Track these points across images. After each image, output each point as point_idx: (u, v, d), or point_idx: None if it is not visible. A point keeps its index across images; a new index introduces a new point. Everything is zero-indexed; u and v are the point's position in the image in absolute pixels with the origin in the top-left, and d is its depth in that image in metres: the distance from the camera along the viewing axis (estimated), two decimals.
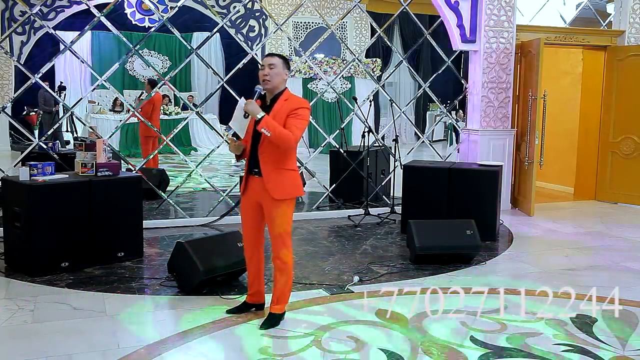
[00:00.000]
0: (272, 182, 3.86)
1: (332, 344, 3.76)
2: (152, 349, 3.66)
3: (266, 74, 3.87)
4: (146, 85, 9.45)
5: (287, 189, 3.90)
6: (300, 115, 3.80)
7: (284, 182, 3.87)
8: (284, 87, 3.94)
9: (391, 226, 7.13)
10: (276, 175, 3.86)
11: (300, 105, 3.83)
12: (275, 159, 3.85)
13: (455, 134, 14.52)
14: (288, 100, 3.86)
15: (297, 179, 3.95)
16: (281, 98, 3.88)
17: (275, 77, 3.87)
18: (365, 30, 16.43)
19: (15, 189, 5.15)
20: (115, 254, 5.41)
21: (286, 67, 3.93)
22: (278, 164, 3.86)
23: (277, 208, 3.89)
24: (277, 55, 3.97)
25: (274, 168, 3.86)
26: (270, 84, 3.88)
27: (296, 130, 3.77)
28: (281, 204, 3.89)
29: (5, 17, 13.43)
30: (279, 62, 3.89)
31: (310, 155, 8.86)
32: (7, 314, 4.19)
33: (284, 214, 3.92)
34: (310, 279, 5.04)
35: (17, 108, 12.60)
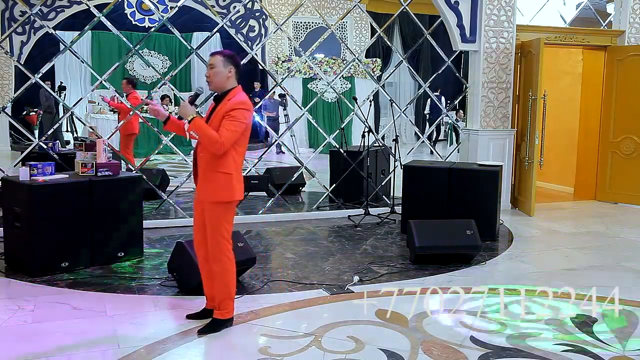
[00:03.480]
0: (205, 184, 3.80)
1: (332, 344, 3.76)
2: (152, 348, 3.67)
3: (207, 74, 3.83)
4: (125, 85, 9.29)
5: (218, 192, 3.76)
6: (234, 116, 3.66)
7: (215, 184, 3.76)
8: (232, 85, 3.81)
9: (391, 226, 7.13)
10: (209, 177, 3.78)
11: (236, 107, 3.69)
12: (210, 161, 3.76)
13: (456, 133, 14.53)
14: (230, 101, 3.73)
15: (230, 182, 3.76)
16: (225, 98, 3.77)
17: (215, 76, 3.77)
18: (365, 30, 16.44)
19: (15, 189, 5.15)
20: (116, 254, 5.41)
21: (230, 64, 3.78)
22: (212, 165, 3.75)
23: (210, 211, 3.80)
24: (218, 53, 3.85)
25: (208, 170, 3.77)
26: (211, 85, 3.82)
27: (226, 132, 3.62)
28: (215, 207, 3.78)
29: (5, 17, 13.42)
30: (218, 61, 3.77)
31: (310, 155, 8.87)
32: (7, 313, 4.19)
33: (216, 217, 3.79)
34: (310, 279, 5.04)
35: (17, 108, 12.59)
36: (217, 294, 3.95)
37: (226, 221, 3.84)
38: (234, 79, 3.82)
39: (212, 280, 4.00)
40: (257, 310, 4.31)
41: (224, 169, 3.75)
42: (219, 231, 3.81)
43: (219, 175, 3.75)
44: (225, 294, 3.92)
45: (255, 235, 6.66)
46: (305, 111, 8.23)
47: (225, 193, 3.78)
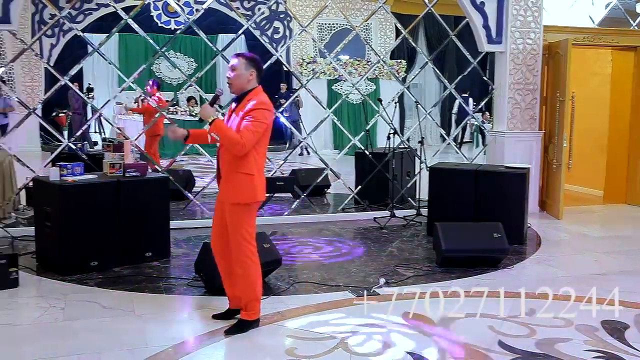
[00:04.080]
0: (227, 185, 3.80)
1: (358, 346, 3.75)
2: (179, 348, 3.69)
3: (228, 76, 3.83)
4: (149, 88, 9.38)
5: (240, 193, 3.76)
6: (254, 117, 3.66)
7: (237, 186, 3.76)
8: (253, 86, 3.81)
9: (417, 228, 7.09)
10: (231, 178, 3.78)
11: (256, 107, 3.69)
12: (231, 162, 3.76)
13: (482, 135, 14.41)
14: (251, 101, 3.73)
15: (253, 183, 3.76)
16: (246, 98, 3.77)
17: (236, 79, 3.78)
18: (390, 32, 16.38)
19: (46, 189, 5.24)
20: (143, 253, 5.46)
21: (251, 66, 3.79)
22: (234, 166, 3.76)
23: (231, 212, 3.80)
24: (240, 55, 3.85)
25: (230, 171, 3.78)
26: (232, 87, 3.83)
27: (247, 133, 3.63)
28: (236, 208, 3.79)
29: (35, 20, 13.66)
30: (241, 63, 3.78)
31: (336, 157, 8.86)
32: (39, 311, 4.26)
33: (239, 219, 3.79)
34: (336, 281, 5.04)
35: (46, 109, 12.80)
36: (243, 295, 3.95)
37: (248, 223, 3.84)
38: (254, 82, 3.82)
39: (231, 279, 4.01)
40: (283, 312, 4.32)
41: (245, 170, 3.75)
42: (240, 233, 3.81)
43: (240, 176, 3.75)
44: (250, 296, 3.93)
45: (280, 236, 6.67)
46: (330, 113, 8.23)
47: (246, 194, 3.78)
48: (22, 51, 7.27)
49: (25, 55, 9.53)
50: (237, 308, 4.06)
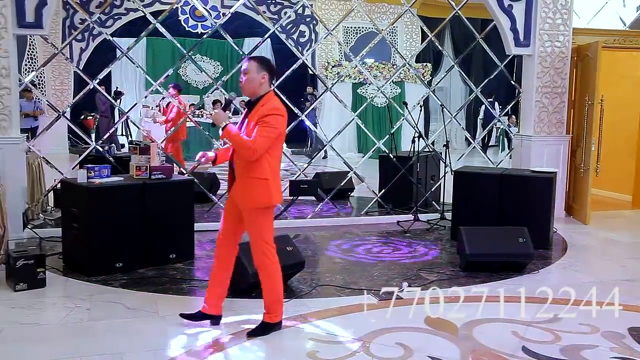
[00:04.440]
0: (242, 190, 3.81)
1: (380, 350, 3.73)
2: (202, 350, 3.72)
3: (241, 80, 3.83)
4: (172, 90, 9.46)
5: (255, 198, 3.77)
6: (267, 122, 3.66)
7: (252, 190, 3.77)
8: (266, 90, 3.80)
9: (441, 232, 7.04)
10: (245, 183, 3.79)
11: (270, 112, 3.68)
12: (245, 167, 3.77)
13: (507, 139, 14.25)
14: (264, 106, 3.73)
15: (267, 187, 3.77)
16: (259, 103, 3.77)
17: (249, 83, 3.78)
18: (416, 35, 16.31)
19: (73, 190, 5.32)
20: (167, 255, 5.51)
21: (264, 69, 3.78)
22: (247, 171, 3.76)
23: (249, 216, 3.82)
24: (252, 58, 3.85)
25: (244, 176, 3.79)
26: (245, 91, 3.83)
27: (260, 139, 3.64)
28: (254, 213, 3.80)
29: (66, 25, 13.92)
30: (252, 67, 3.77)
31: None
32: (65, 311, 4.33)
33: (256, 223, 3.82)
34: (358, 284, 5.02)
35: (75, 112, 13.01)
36: (265, 297, 3.96)
37: (267, 226, 3.86)
38: (267, 85, 3.81)
39: (216, 286, 4.03)
40: (306, 315, 4.32)
41: (259, 175, 3.76)
42: (261, 237, 3.84)
43: (255, 181, 3.76)
44: (273, 298, 3.94)
45: (304, 239, 6.68)
46: (355, 116, 8.22)
47: (263, 199, 3.79)
48: (53, 55, 7.41)
49: (56, 59, 9.69)
50: (211, 314, 4.05)
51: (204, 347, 3.75)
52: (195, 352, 3.69)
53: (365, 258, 5.92)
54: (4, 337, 3.85)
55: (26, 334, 3.93)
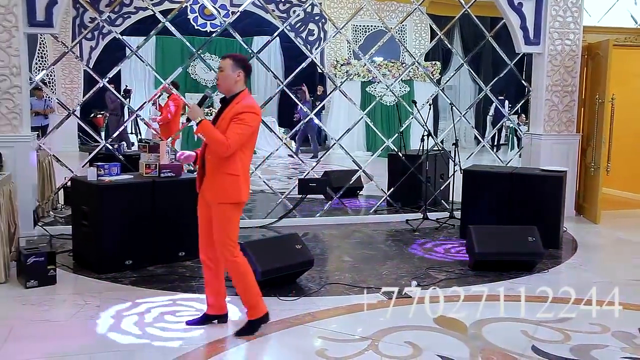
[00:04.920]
0: (212, 185, 3.81)
1: (389, 348, 3.73)
2: (212, 347, 3.73)
3: (216, 78, 3.86)
4: None
5: (225, 193, 3.77)
6: (242, 120, 3.69)
7: (222, 185, 3.77)
8: (241, 88, 3.83)
9: (450, 231, 7.03)
10: (216, 178, 3.79)
11: (244, 110, 3.71)
12: (217, 162, 3.77)
13: (517, 138, 14.20)
14: (238, 104, 3.75)
15: (238, 184, 3.78)
16: (234, 101, 3.79)
17: (224, 80, 3.80)
18: (425, 33, 16.28)
19: (84, 188, 5.35)
20: (177, 253, 5.52)
21: (239, 67, 3.80)
22: (219, 167, 3.77)
23: (217, 211, 3.81)
24: (228, 56, 3.86)
25: (215, 171, 3.79)
26: (220, 88, 3.84)
27: (234, 135, 3.65)
28: (222, 208, 3.79)
29: (76, 23, 13.99)
30: (227, 65, 3.79)
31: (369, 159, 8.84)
32: (75, 308, 4.36)
33: (224, 218, 3.79)
34: (367, 283, 5.02)
35: (84, 111, 13.07)
36: (242, 296, 3.95)
37: (233, 222, 3.85)
38: (242, 83, 3.84)
39: (211, 286, 4.03)
40: (314, 313, 4.32)
41: (230, 171, 3.77)
42: (226, 232, 3.81)
43: (225, 176, 3.77)
44: (249, 295, 3.92)
45: (313, 237, 6.68)
46: (363, 114, 8.22)
47: (232, 194, 3.79)
48: (63, 54, 7.45)
49: (66, 57, 9.75)
50: (214, 314, 4.06)
51: (212, 345, 3.76)
52: (203, 350, 3.70)
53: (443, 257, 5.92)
54: (15, 334, 3.88)
55: (37, 331, 3.96)
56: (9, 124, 6.00)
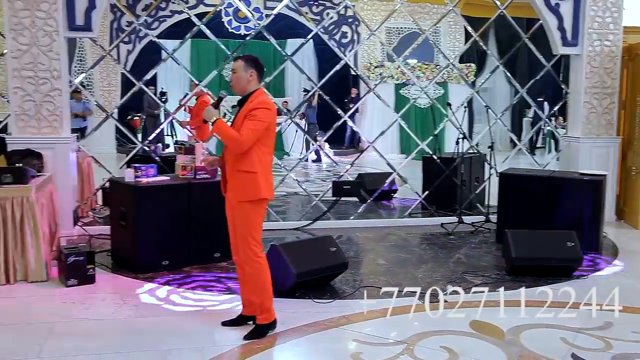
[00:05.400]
0: (232, 184, 3.84)
1: (424, 353, 3.70)
2: (246, 348, 3.75)
3: (230, 80, 3.94)
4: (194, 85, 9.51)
5: (244, 191, 3.79)
6: (255, 116, 3.73)
7: (241, 184, 3.79)
8: (254, 87, 3.87)
9: (486, 235, 6.94)
10: (235, 177, 3.82)
11: (257, 106, 3.76)
12: (235, 161, 3.81)
13: (554, 141, 13.96)
14: (252, 102, 3.80)
15: (257, 181, 3.78)
16: (248, 100, 3.84)
17: (237, 81, 3.86)
18: (460, 35, 16.13)
19: (121, 189, 5.44)
20: (212, 254, 5.57)
21: (251, 67, 3.85)
22: (236, 165, 3.80)
23: (238, 210, 3.83)
24: (240, 57, 3.93)
25: (234, 169, 3.82)
26: (234, 88, 3.91)
27: (246, 131, 3.70)
28: (242, 205, 3.80)
29: (113, 27, 14.24)
30: (240, 66, 3.85)
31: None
32: (113, 307, 4.43)
33: (245, 217, 3.81)
34: (402, 286, 4.98)
35: (122, 113, 13.29)
36: (255, 297, 3.93)
37: (255, 221, 3.85)
38: (255, 82, 3.88)
39: (247, 291, 4.02)
40: (349, 316, 4.31)
41: (248, 168, 3.78)
42: (248, 231, 3.82)
43: (243, 174, 3.79)
44: (263, 297, 3.91)
45: (347, 240, 6.67)
46: (398, 117, 8.18)
47: (251, 192, 3.80)
48: (101, 57, 7.60)
49: (104, 61, 9.94)
50: (250, 315, 4.05)
51: (247, 346, 3.78)
52: (238, 351, 3.72)
53: None
54: (56, 331, 3.96)
55: (77, 328, 4.04)
56: (50, 126, 6.13)
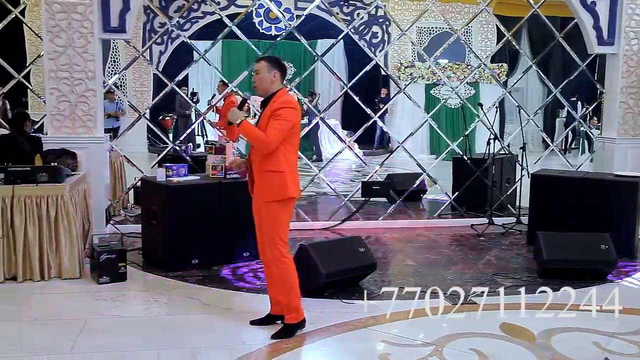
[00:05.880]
0: (259, 184, 3.84)
1: (453, 355, 3.67)
2: (274, 348, 3.77)
3: (254, 81, 3.91)
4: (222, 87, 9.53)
5: (272, 191, 3.79)
6: (280, 115, 3.73)
7: (269, 183, 3.79)
8: (277, 87, 3.87)
9: (516, 237, 6.85)
10: (262, 177, 3.82)
11: (282, 105, 3.76)
12: (261, 161, 3.81)
13: (588, 142, 13.71)
14: (275, 102, 3.80)
15: (284, 180, 3.79)
16: (272, 100, 3.83)
17: (261, 82, 3.85)
18: (491, 35, 15.95)
19: (153, 188, 5.52)
20: (242, 253, 5.60)
21: (274, 68, 3.85)
22: (263, 165, 3.80)
23: (265, 210, 3.82)
24: (262, 58, 3.95)
25: (260, 170, 3.82)
26: (258, 90, 3.90)
27: (273, 130, 3.70)
28: (269, 205, 3.80)
29: (146, 28, 14.44)
30: (263, 67, 3.85)
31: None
32: (144, 305, 4.49)
33: (273, 217, 3.81)
34: (431, 288, 4.94)
35: (153, 113, 13.47)
36: (282, 297, 3.93)
37: (282, 221, 3.85)
38: (278, 82, 3.88)
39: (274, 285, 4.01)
40: (377, 316, 4.30)
41: (274, 167, 3.79)
42: (275, 231, 3.82)
43: (270, 174, 3.80)
44: (289, 297, 3.90)
45: (375, 241, 6.65)
46: (428, 117, 8.13)
47: (278, 191, 3.80)
48: (134, 59, 7.71)
49: (137, 61, 10.08)
50: (278, 314, 4.04)
51: (275, 345, 3.79)
52: (266, 350, 3.73)
53: None
54: (88, 327, 4.04)
55: (109, 325, 4.11)
56: (84, 126, 6.24)
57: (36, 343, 3.78)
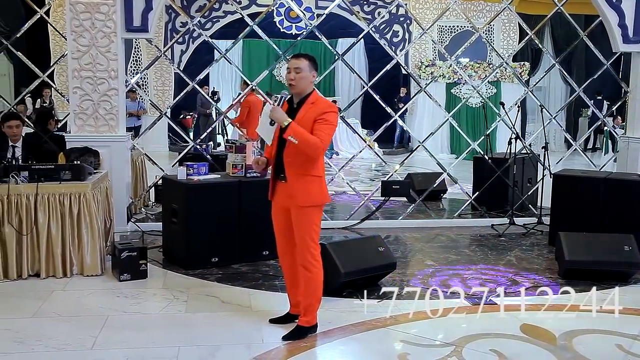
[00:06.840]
0: (297, 188, 3.72)
1: (473, 356, 3.65)
2: (293, 346, 3.77)
3: (292, 78, 3.72)
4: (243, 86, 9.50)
5: (312, 196, 3.74)
6: (327, 120, 3.66)
7: (308, 188, 3.72)
8: (312, 89, 3.79)
9: (538, 237, 6.78)
10: (301, 181, 3.72)
11: (327, 110, 3.69)
12: (300, 165, 3.71)
13: (612, 141, 13.51)
14: (315, 104, 3.71)
15: (322, 185, 3.78)
16: (307, 101, 3.74)
17: (301, 80, 3.71)
18: (513, 33, 15.80)
19: (174, 187, 5.56)
20: (261, 252, 5.62)
21: (313, 68, 3.76)
22: (303, 169, 3.71)
23: (301, 214, 3.75)
24: (303, 56, 3.79)
25: (298, 174, 3.72)
26: (296, 88, 3.74)
27: (324, 136, 3.63)
28: (306, 210, 3.74)
29: (168, 28, 14.56)
30: (305, 65, 3.72)
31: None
32: (164, 302, 4.53)
33: (309, 221, 3.76)
34: (450, 288, 4.92)
35: (174, 112, 13.57)
36: (304, 298, 3.90)
37: (317, 224, 3.83)
38: (312, 84, 3.83)
39: (296, 287, 3.98)
40: (396, 316, 4.29)
41: (315, 172, 3.75)
42: (310, 235, 3.78)
43: (312, 179, 3.75)
44: (312, 299, 3.88)
45: (395, 240, 6.63)
46: (449, 116, 8.08)
47: (317, 196, 3.77)
48: (156, 58, 7.76)
49: (158, 61, 10.17)
50: (297, 314, 4.03)
51: (294, 344, 3.80)
52: (286, 348, 3.74)
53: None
54: (109, 324, 4.08)
55: (129, 322, 4.15)
56: (106, 125, 6.30)
57: (58, 338, 3.83)
